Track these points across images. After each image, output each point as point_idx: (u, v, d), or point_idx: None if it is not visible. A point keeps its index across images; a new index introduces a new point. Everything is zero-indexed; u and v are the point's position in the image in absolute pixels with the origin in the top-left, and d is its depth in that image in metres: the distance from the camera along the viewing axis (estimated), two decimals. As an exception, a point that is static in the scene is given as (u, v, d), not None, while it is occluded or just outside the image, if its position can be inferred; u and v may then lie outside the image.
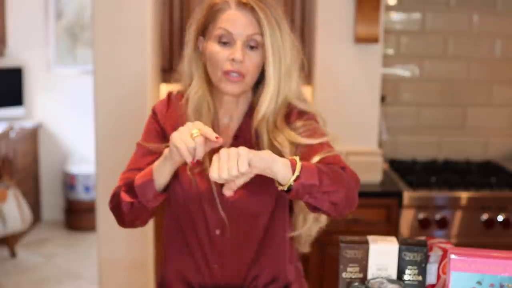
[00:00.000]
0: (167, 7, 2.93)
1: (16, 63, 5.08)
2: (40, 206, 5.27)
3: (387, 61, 3.27)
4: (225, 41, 1.47)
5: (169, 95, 1.63)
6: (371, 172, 2.92)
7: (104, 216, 2.80)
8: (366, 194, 2.85)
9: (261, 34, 1.46)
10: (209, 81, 1.55)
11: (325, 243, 2.79)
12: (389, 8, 3.27)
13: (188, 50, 1.57)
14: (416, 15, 3.32)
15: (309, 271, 2.84)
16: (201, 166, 1.50)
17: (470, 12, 3.31)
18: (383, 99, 3.12)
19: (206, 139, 1.33)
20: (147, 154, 1.56)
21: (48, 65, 5.21)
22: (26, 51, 5.13)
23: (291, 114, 1.56)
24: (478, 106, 3.40)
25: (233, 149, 1.29)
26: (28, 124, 5.06)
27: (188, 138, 1.32)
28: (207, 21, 1.51)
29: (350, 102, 2.91)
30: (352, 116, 2.92)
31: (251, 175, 1.34)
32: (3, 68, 5.00)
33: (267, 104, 1.50)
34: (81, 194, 5.03)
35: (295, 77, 1.53)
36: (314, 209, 1.45)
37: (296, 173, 1.34)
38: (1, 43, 4.77)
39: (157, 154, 1.52)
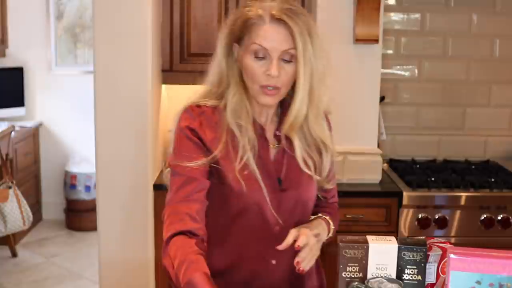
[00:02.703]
0: (167, 8, 2.93)
1: (16, 63, 5.09)
2: (40, 206, 5.27)
3: (386, 61, 3.27)
4: (261, 56, 1.52)
5: (193, 110, 1.61)
6: (370, 172, 2.92)
7: (104, 216, 2.80)
8: (366, 194, 2.86)
9: (295, 47, 1.51)
10: (244, 86, 1.60)
11: (325, 242, 2.80)
12: (388, 8, 3.27)
13: (221, 58, 1.61)
14: (416, 15, 3.32)
15: (309, 270, 2.85)
16: (248, 168, 1.55)
17: (470, 13, 3.31)
18: (382, 99, 3.13)
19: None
20: (189, 182, 1.55)
21: (49, 65, 5.22)
22: (26, 51, 5.13)
23: (329, 128, 1.69)
24: (477, 106, 3.40)
25: (313, 251, 1.52)
26: (29, 124, 5.06)
27: None
28: (242, 32, 1.56)
29: (350, 102, 2.91)
30: (351, 116, 2.92)
31: None
32: (4, 68, 5.00)
33: (295, 113, 1.56)
34: (81, 194, 5.03)
35: (327, 84, 1.60)
36: None
37: (330, 234, 1.71)
38: (2, 43, 4.78)
39: (198, 180, 1.55)
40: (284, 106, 1.65)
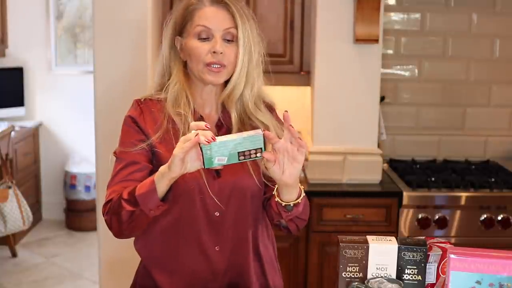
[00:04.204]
0: (167, 7, 2.93)
1: (16, 63, 5.09)
2: (40, 206, 5.27)
3: (386, 61, 3.27)
4: (204, 37, 1.59)
5: (137, 102, 1.69)
6: (370, 172, 2.92)
7: (105, 216, 2.80)
8: (366, 194, 2.86)
9: (235, 27, 1.59)
10: (186, 76, 1.66)
11: (325, 243, 2.81)
12: (388, 8, 3.27)
13: (165, 49, 1.68)
14: (416, 15, 3.32)
15: (309, 270, 2.85)
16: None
17: (470, 13, 3.32)
18: (382, 99, 3.13)
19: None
20: (129, 165, 1.61)
21: (49, 65, 5.22)
22: (26, 51, 5.13)
23: (272, 110, 1.72)
24: (477, 106, 3.40)
25: (289, 156, 1.43)
26: (29, 124, 5.06)
27: (185, 142, 1.39)
28: (184, 20, 1.63)
29: (350, 102, 2.91)
30: (351, 116, 2.92)
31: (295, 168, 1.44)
32: (3, 68, 5.00)
33: (234, 83, 1.61)
34: (81, 194, 5.03)
35: (261, 73, 1.67)
36: (277, 226, 1.69)
37: (299, 200, 1.53)
38: (2, 43, 4.78)
39: (140, 163, 1.60)
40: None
